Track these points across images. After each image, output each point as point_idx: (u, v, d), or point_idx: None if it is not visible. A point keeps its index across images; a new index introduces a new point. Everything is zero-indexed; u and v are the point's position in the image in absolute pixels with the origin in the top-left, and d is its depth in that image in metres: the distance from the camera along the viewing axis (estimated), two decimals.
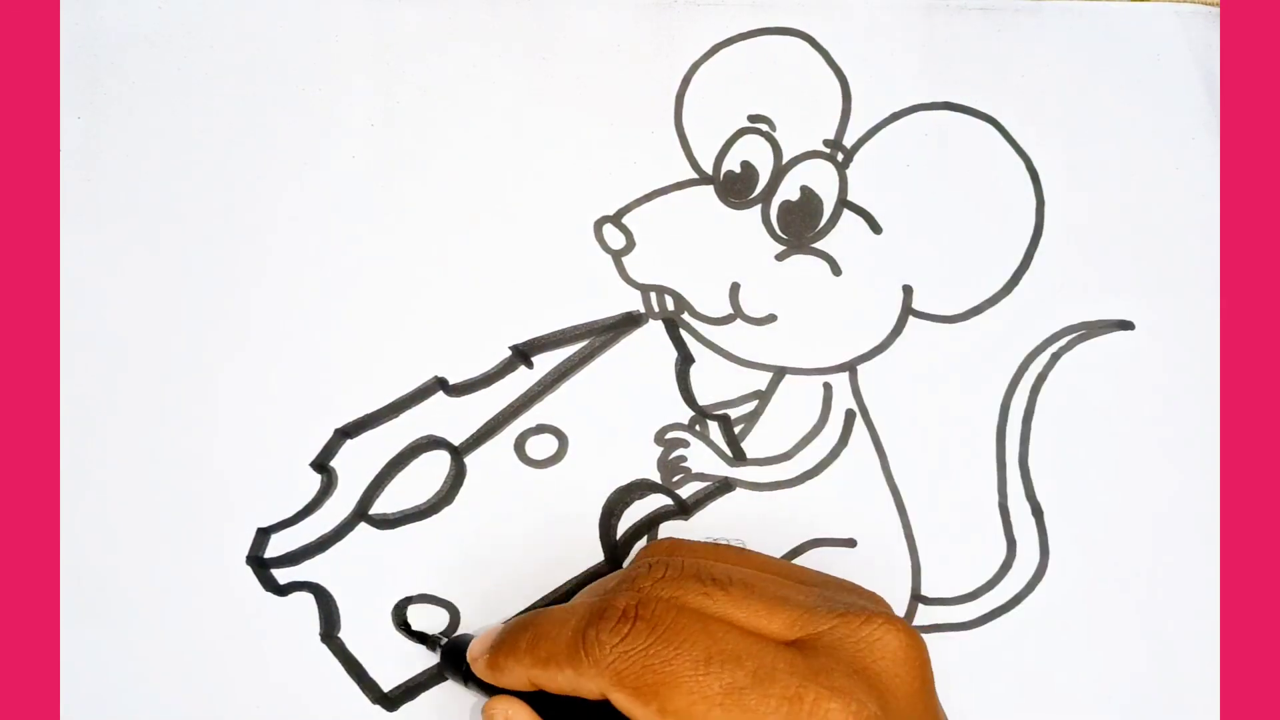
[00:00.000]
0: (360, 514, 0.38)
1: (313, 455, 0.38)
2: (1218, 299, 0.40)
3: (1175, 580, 0.39)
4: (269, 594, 0.38)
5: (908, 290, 0.40)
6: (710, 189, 0.40)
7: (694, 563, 0.33)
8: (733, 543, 0.38)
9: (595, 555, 0.38)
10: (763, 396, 0.39)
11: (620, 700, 0.30)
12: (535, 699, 0.33)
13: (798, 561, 0.39)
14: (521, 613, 0.36)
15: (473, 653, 0.34)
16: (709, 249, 0.40)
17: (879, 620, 0.30)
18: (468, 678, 0.35)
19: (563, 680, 0.31)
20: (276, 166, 0.40)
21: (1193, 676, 0.38)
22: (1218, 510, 0.39)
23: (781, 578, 0.33)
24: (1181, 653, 0.38)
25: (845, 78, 0.41)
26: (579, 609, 0.32)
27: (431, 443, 0.39)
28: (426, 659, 0.38)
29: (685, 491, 0.39)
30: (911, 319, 0.40)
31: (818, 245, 0.40)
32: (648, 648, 0.30)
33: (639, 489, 0.39)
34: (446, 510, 0.39)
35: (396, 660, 0.38)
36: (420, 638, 0.37)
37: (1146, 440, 0.40)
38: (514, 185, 0.40)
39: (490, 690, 0.34)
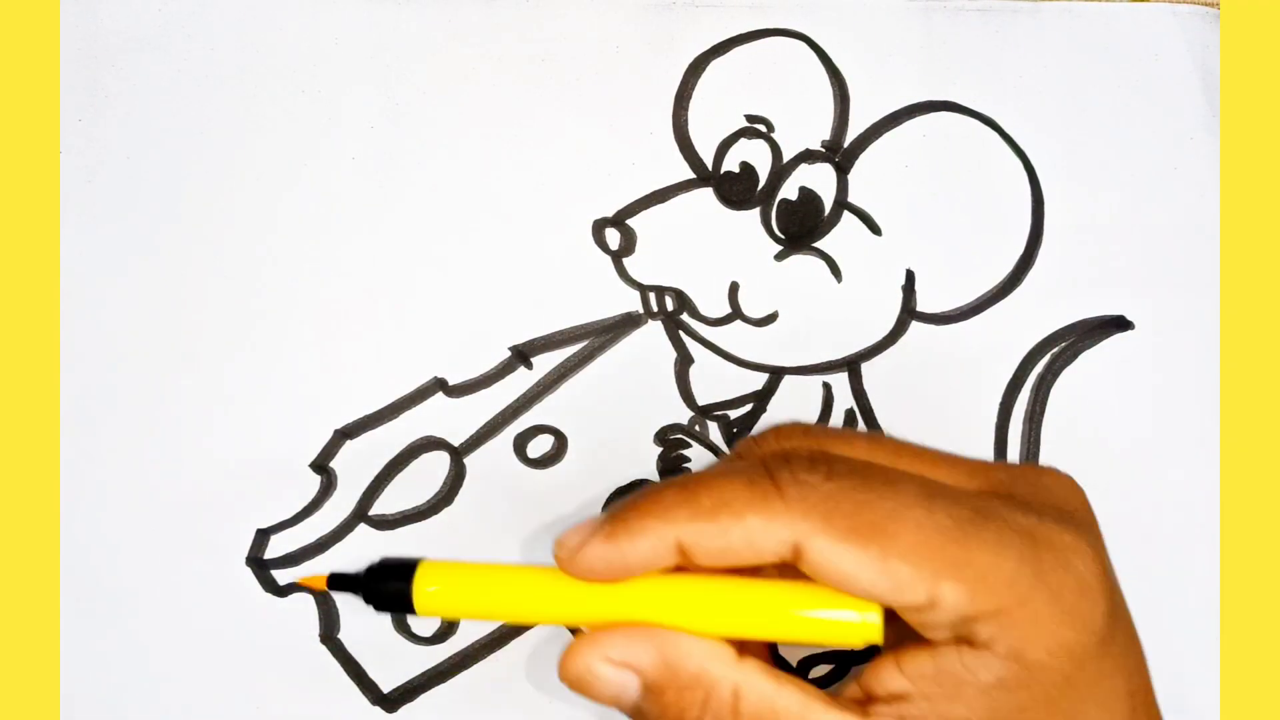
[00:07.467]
0: (360, 515, 0.38)
1: (313, 456, 0.38)
2: (1217, 298, 0.40)
3: (1174, 579, 0.39)
4: (269, 595, 0.38)
5: (907, 290, 0.40)
6: (709, 190, 0.40)
7: (844, 430, 0.29)
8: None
9: None
10: (762, 397, 0.39)
11: (823, 547, 0.25)
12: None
13: None
14: None
15: (568, 541, 0.27)
16: (708, 250, 0.40)
17: (1047, 470, 0.29)
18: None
19: (736, 535, 0.25)
20: (276, 167, 0.40)
21: (1193, 676, 0.38)
22: (1217, 510, 0.39)
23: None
24: (1181, 652, 0.38)
25: (844, 79, 0.41)
26: (744, 462, 0.27)
27: (431, 443, 0.39)
28: (427, 660, 0.38)
29: None
30: (911, 319, 0.40)
31: (817, 245, 0.40)
32: (859, 485, 0.25)
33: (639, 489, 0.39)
34: (446, 511, 0.39)
35: (396, 661, 0.38)
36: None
37: (1146, 439, 0.40)
38: (513, 186, 0.40)
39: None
